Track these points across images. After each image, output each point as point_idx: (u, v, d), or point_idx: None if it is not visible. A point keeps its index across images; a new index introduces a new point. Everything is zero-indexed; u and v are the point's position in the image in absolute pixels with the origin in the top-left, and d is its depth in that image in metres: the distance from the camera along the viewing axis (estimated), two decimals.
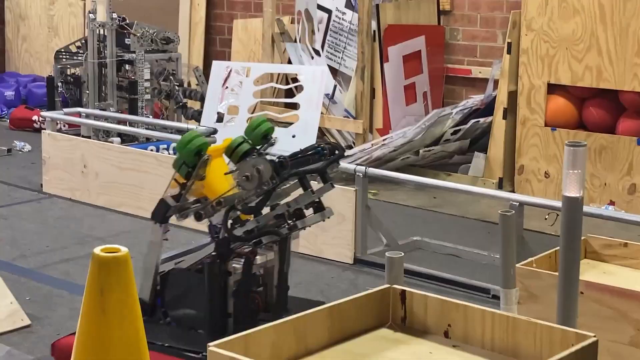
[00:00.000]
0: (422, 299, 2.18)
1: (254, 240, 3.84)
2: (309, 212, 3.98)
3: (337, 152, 4.06)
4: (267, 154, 3.92)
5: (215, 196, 3.83)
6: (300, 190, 4.00)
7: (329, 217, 4.04)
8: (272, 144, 4.03)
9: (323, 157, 4.03)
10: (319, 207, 4.00)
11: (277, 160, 3.80)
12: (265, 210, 3.93)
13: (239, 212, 3.82)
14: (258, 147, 3.95)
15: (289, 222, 3.89)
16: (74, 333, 2.16)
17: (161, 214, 3.85)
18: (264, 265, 3.94)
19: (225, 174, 3.84)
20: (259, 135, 3.98)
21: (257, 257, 3.87)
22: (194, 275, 3.86)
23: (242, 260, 3.83)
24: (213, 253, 3.82)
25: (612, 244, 3.44)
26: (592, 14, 6.56)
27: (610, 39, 6.51)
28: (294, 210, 3.92)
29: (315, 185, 4.04)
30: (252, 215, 3.88)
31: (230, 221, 3.81)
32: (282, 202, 3.96)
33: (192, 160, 3.80)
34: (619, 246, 3.43)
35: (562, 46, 6.72)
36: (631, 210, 6.24)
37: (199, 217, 3.82)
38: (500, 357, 2.05)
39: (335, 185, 4.06)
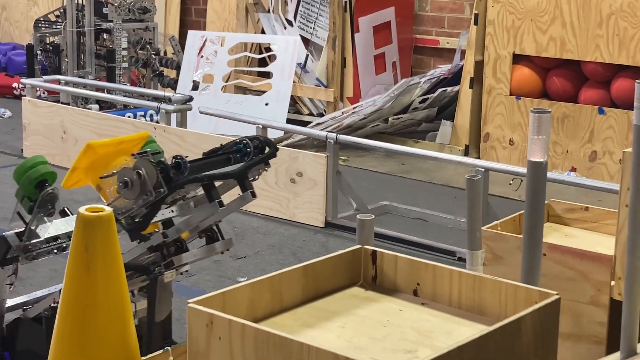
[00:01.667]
0: (392, 258, 2.20)
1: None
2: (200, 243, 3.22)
3: (267, 149, 3.25)
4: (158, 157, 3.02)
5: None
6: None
7: (224, 251, 3.27)
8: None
9: (246, 156, 3.23)
10: (211, 237, 3.21)
11: (171, 161, 3.02)
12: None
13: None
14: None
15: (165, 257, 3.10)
16: None
17: (0, 254, 3.01)
18: (135, 316, 3.10)
19: (101, 177, 3.01)
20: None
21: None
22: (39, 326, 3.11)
23: None
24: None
25: (574, 208, 3.46)
26: None
27: (574, 11, 6.65)
28: (174, 241, 3.10)
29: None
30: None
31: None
32: (156, 231, 3.13)
33: (33, 193, 3.00)
34: (580, 210, 3.45)
35: (527, 18, 6.86)
36: (592, 177, 6.42)
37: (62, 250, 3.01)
38: (466, 314, 2.07)
39: (257, 196, 3.22)
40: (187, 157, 3.11)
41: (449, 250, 5.06)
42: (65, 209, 3.17)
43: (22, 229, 3.03)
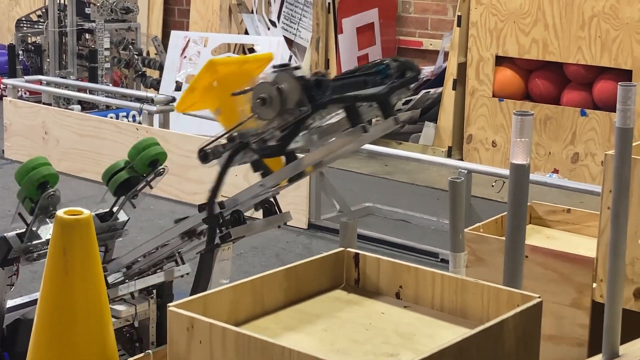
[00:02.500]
0: (375, 261, 2.20)
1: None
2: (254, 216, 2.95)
3: (408, 73, 2.86)
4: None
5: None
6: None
7: (281, 225, 3.10)
8: (161, 175, 3.13)
9: (387, 78, 2.82)
10: (268, 209, 3.01)
11: (311, 79, 2.63)
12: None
13: (255, 156, 2.74)
14: (144, 176, 3.11)
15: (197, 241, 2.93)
16: None
17: (1, 255, 3.00)
18: (133, 319, 3.08)
19: (233, 94, 2.67)
20: (145, 161, 3.11)
21: (121, 307, 3.07)
22: None
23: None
24: None
25: (556, 210, 3.48)
26: None
27: (556, 13, 6.69)
28: (231, 213, 2.83)
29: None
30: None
31: (239, 162, 2.74)
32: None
33: (35, 195, 2.99)
34: (562, 212, 3.47)
35: (509, 20, 6.89)
36: (574, 178, 6.45)
37: (204, 159, 2.79)
38: (449, 316, 2.07)
39: (401, 122, 2.87)
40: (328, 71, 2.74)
41: (431, 251, 5.07)
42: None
43: (23, 230, 2.99)
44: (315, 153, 2.75)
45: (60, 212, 2.07)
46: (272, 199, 2.99)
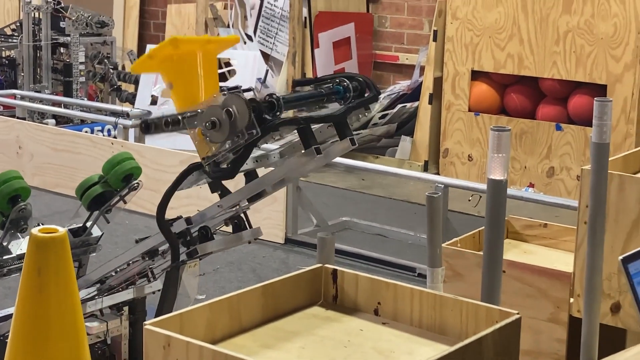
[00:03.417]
0: (353, 277, 2.18)
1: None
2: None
3: (367, 92, 2.82)
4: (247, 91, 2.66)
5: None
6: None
7: (251, 240, 3.05)
8: (135, 189, 3.11)
9: (344, 98, 2.80)
10: (238, 225, 2.97)
11: (264, 99, 2.62)
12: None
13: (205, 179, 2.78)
14: (118, 191, 3.10)
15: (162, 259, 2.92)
16: None
17: None
18: (105, 335, 3.04)
19: (183, 117, 2.67)
20: (119, 176, 3.09)
21: (93, 324, 3.01)
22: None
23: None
24: None
25: (533, 225, 3.49)
26: (514, 4, 6.77)
27: (531, 28, 6.73)
28: (199, 229, 2.81)
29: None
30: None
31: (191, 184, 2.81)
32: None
33: (6, 208, 2.94)
34: (539, 227, 3.48)
35: (485, 35, 6.93)
36: (549, 192, 6.46)
37: (146, 130, 2.75)
38: (427, 333, 2.06)
39: (357, 143, 2.85)
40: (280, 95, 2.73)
41: (409, 266, 5.05)
42: (40, 224, 3.12)
43: None
44: (273, 173, 2.76)
45: (35, 230, 2.05)
46: (242, 214, 2.98)
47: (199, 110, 2.60)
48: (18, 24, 8.38)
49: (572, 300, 3.02)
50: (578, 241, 2.94)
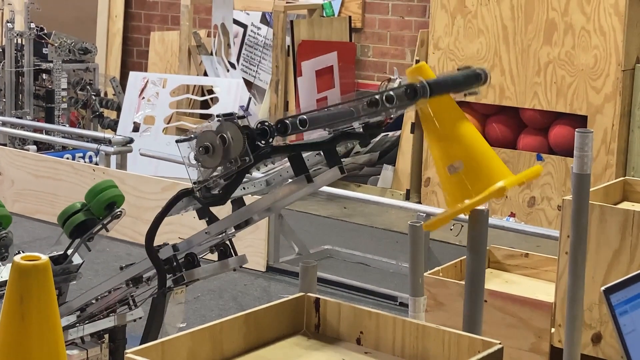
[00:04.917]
0: (336, 306, 2.19)
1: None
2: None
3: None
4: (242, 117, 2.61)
5: None
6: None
7: (237, 268, 3.03)
8: (118, 217, 3.15)
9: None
10: (224, 252, 2.98)
11: (256, 126, 2.59)
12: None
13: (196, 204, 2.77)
14: (100, 219, 3.13)
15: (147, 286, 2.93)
16: None
17: None
18: None
19: (177, 141, 2.70)
20: (102, 204, 3.12)
21: (73, 352, 3.03)
22: None
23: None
24: None
25: (514, 254, 3.52)
26: (496, 35, 6.83)
27: (513, 59, 6.78)
28: (185, 255, 2.84)
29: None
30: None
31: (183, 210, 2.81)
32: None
33: None
34: (520, 256, 3.51)
35: (467, 64, 6.95)
36: (530, 222, 6.49)
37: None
38: None
39: (346, 172, 2.86)
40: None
41: (390, 295, 5.04)
42: (21, 252, 3.12)
43: None
44: (261, 200, 2.76)
45: (17, 258, 2.03)
46: (227, 242, 2.98)
47: (192, 135, 2.62)
48: (0, 50, 8.36)
49: (553, 330, 3.03)
50: (559, 271, 2.95)
